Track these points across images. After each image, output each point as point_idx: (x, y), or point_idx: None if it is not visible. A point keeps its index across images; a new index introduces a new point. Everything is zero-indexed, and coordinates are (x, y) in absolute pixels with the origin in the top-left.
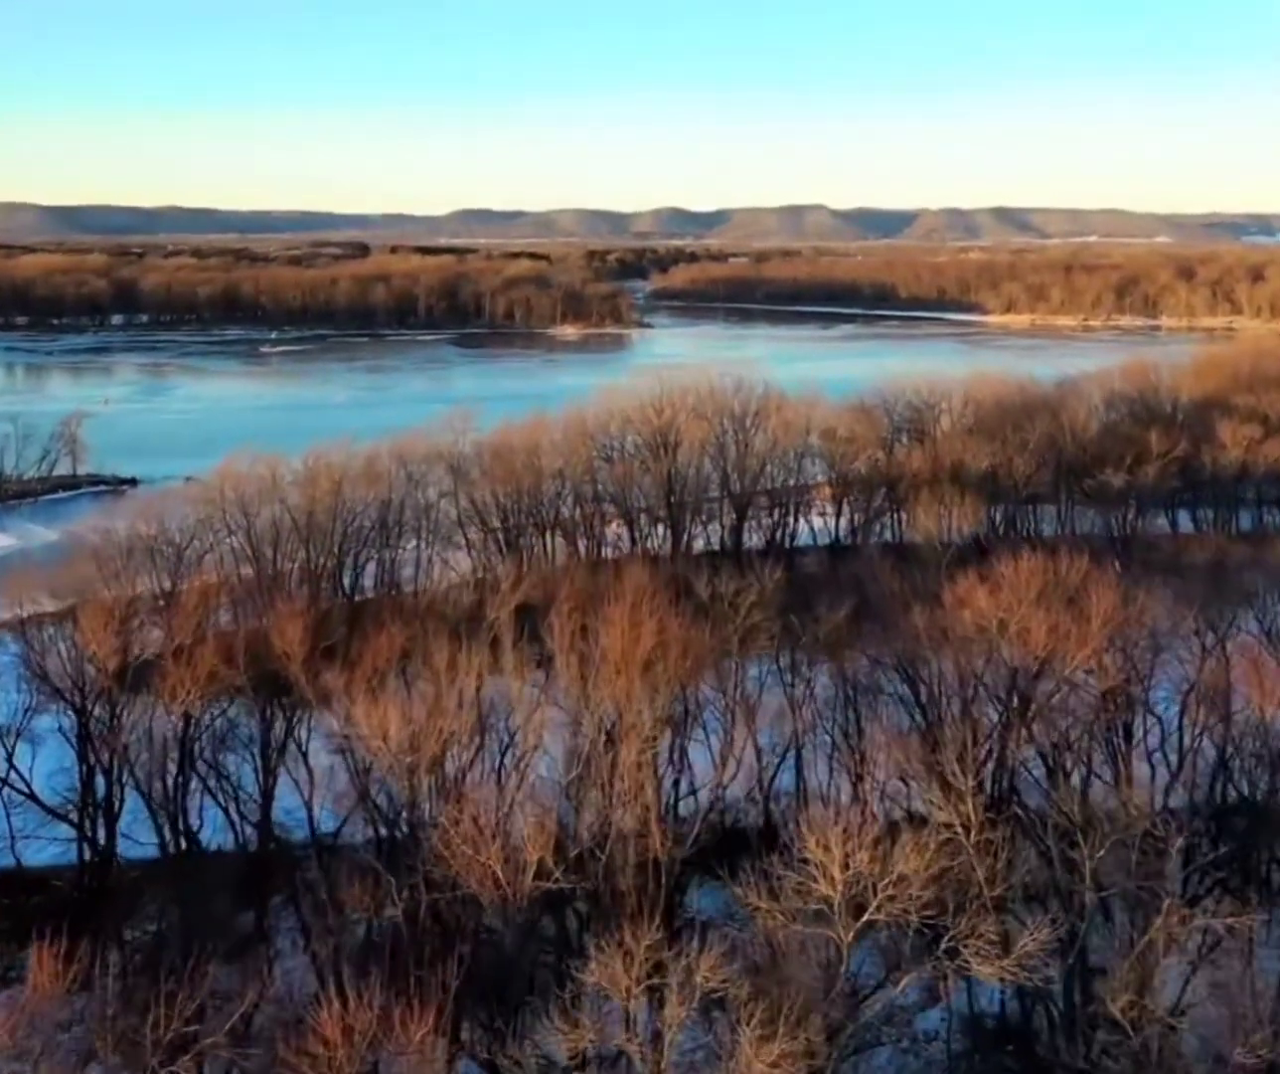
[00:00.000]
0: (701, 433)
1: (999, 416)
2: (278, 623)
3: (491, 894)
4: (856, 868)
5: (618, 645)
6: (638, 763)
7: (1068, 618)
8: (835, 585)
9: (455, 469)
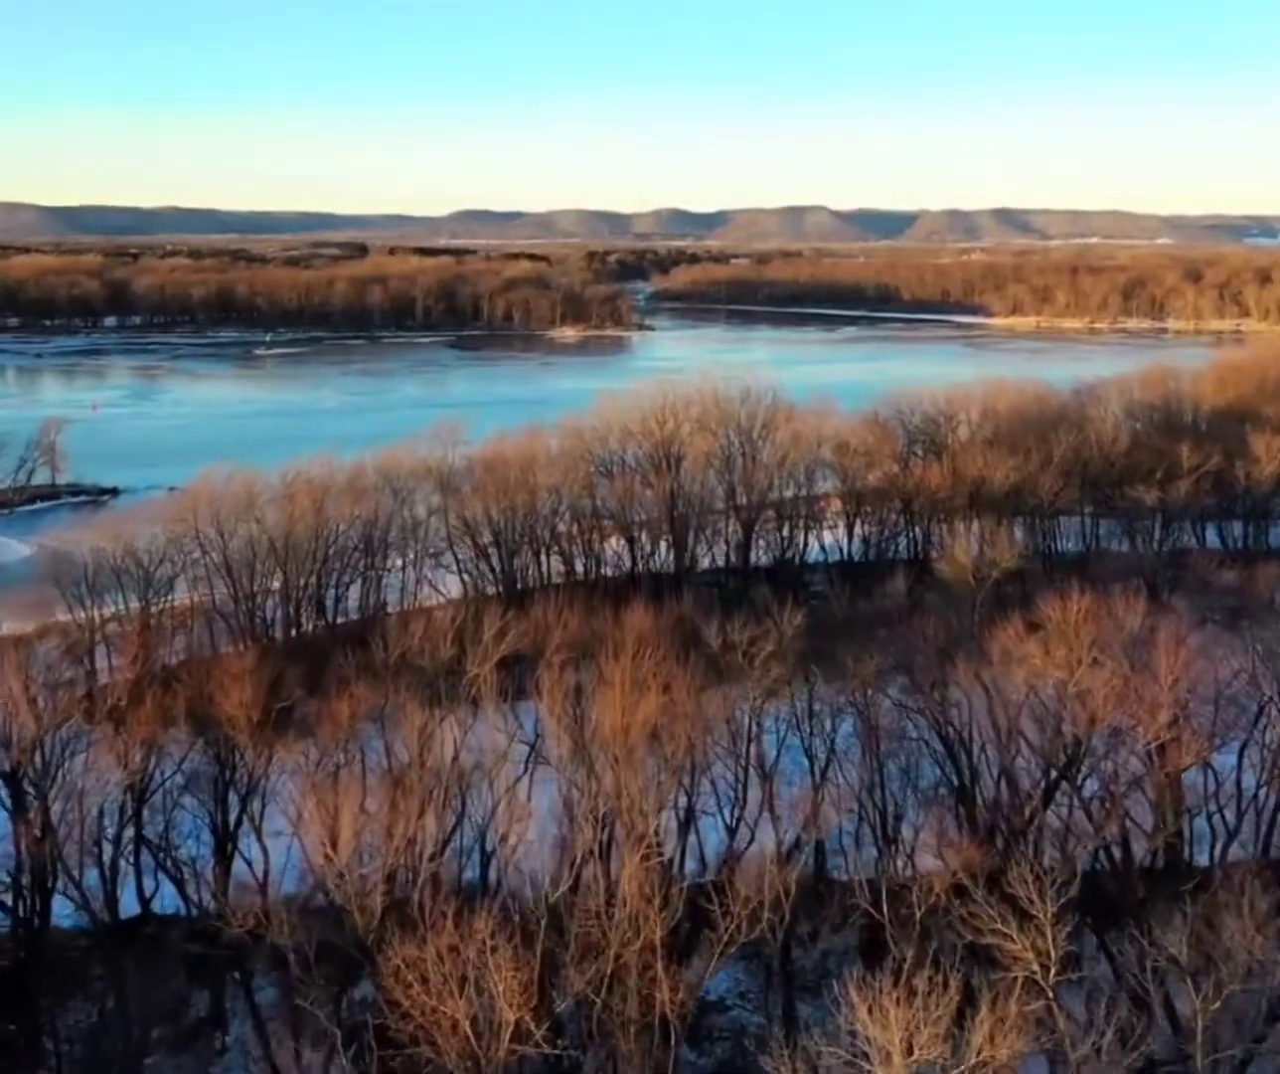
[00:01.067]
0: (706, 446)
1: (1020, 428)
2: (222, 683)
3: (458, 1060)
4: (922, 1054)
5: (616, 718)
6: (641, 890)
7: (1133, 677)
8: (859, 625)
9: (444, 484)
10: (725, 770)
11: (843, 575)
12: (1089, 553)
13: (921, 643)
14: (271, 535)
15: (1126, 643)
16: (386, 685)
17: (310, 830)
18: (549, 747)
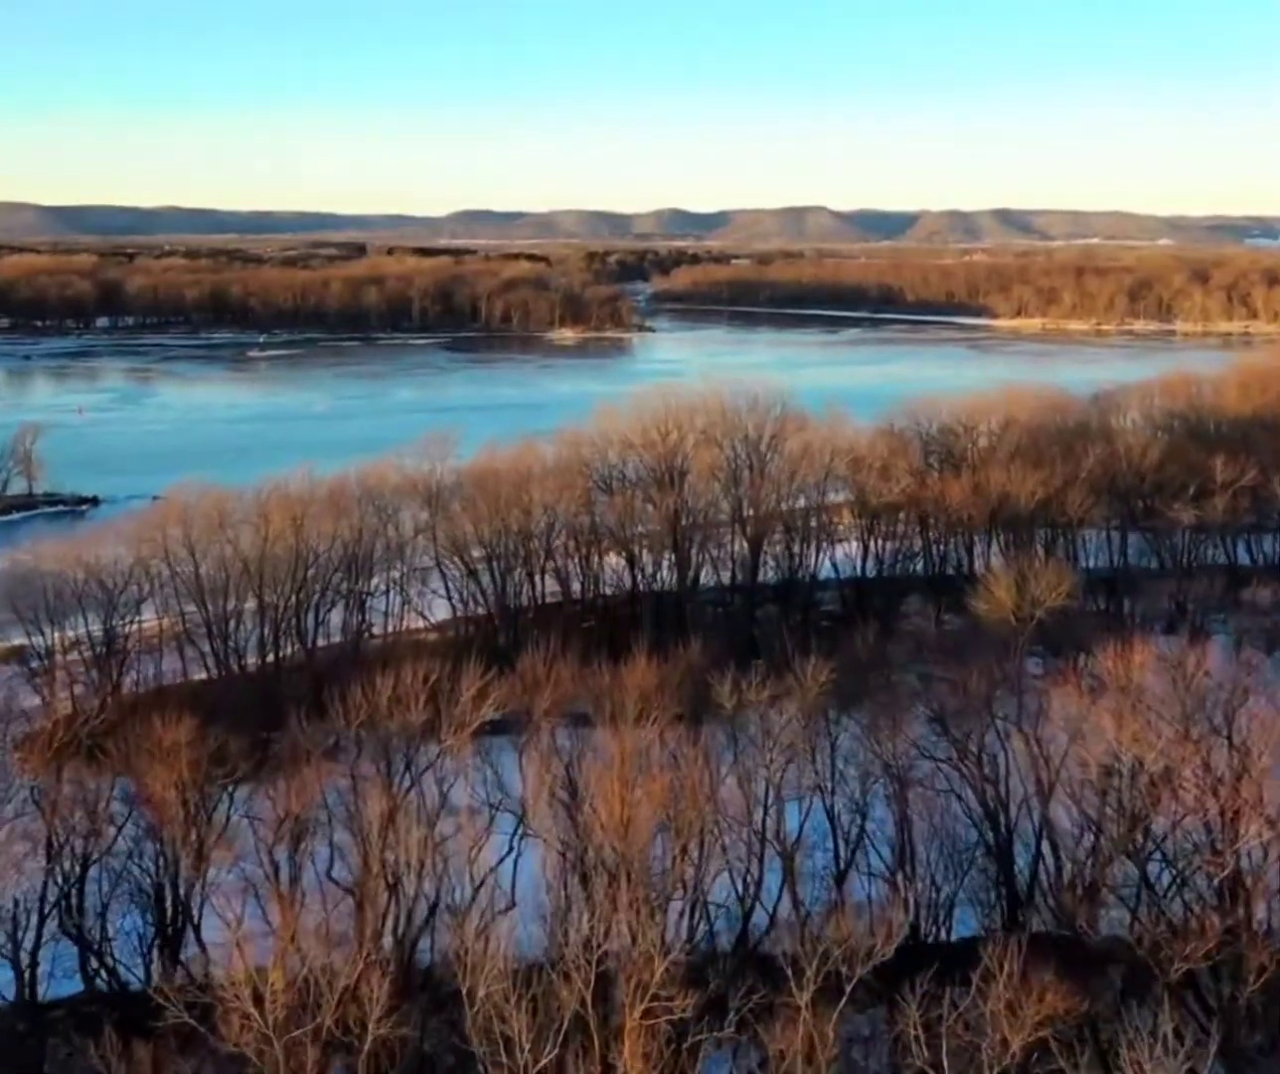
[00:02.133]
0: (711, 458)
1: (1043, 439)
2: (156, 757)
3: None
4: None
5: (614, 811)
6: (644, 1055)
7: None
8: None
9: (432, 501)
10: (738, 843)
11: (857, 596)
12: (1117, 571)
13: (961, 694)
14: (246, 556)
15: (1194, 702)
16: (352, 759)
17: (239, 967)
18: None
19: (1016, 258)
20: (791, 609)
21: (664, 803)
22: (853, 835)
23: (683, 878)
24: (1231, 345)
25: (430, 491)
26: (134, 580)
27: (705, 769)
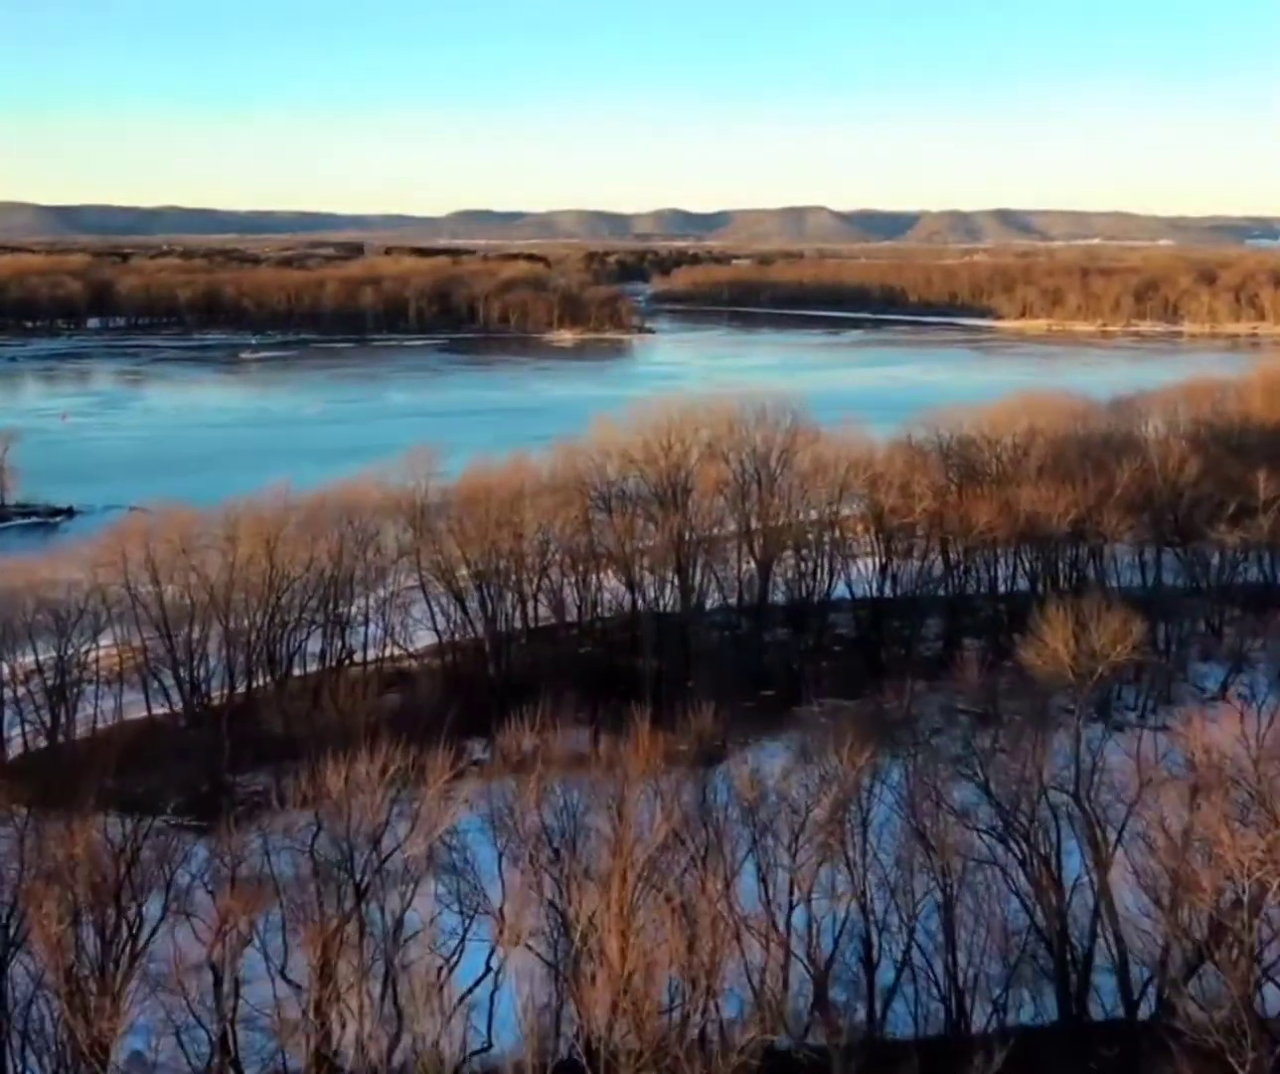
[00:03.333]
0: (718, 474)
1: (1071, 452)
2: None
3: None
4: None
5: (613, 948)
6: None
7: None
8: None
9: (415, 523)
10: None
11: (873, 617)
12: (1150, 592)
13: (1012, 767)
14: (212, 582)
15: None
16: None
17: None
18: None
19: (1019, 258)
20: (804, 633)
21: (675, 952)
22: (891, 928)
23: (696, 1007)
24: (1240, 347)
25: (414, 511)
26: (90, 607)
27: (720, 862)
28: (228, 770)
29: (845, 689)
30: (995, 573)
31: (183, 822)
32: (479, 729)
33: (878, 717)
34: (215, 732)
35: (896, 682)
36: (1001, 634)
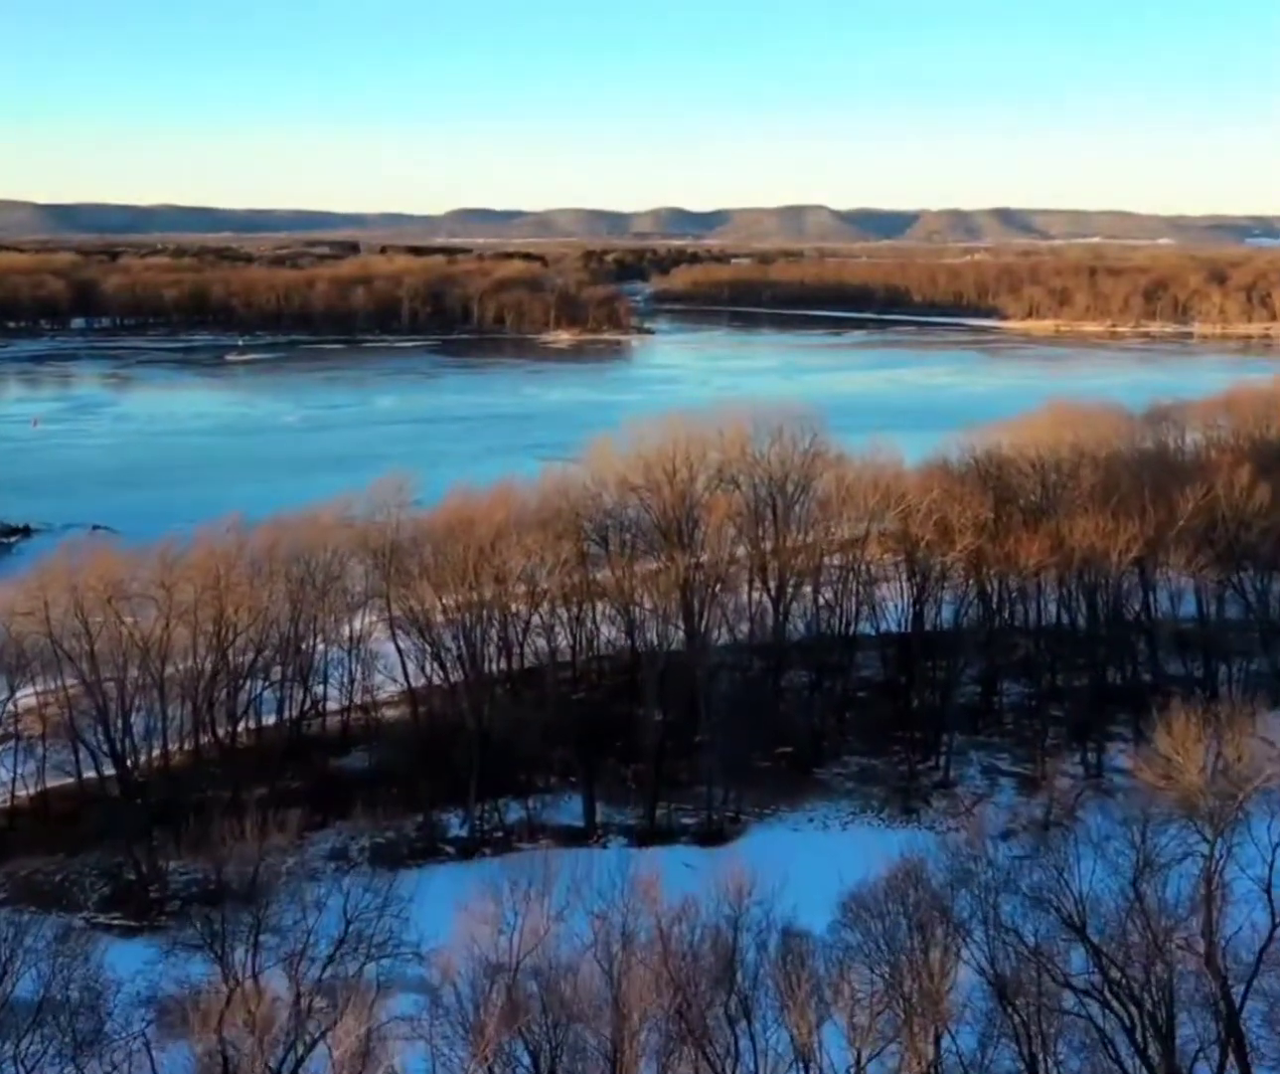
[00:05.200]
0: (729, 505)
1: (1125, 476)
2: None
3: None
4: None
5: None
6: None
7: None
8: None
9: (385, 564)
10: None
11: (901, 657)
12: (1206, 628)
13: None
14: (146, 634)
15: None
16: None
17: None
18: None
19: (1021, 257)
20: (824, 677)
21: None
22: None
23: None
24: (1253, 349)
25: (382, 550)
26: (6, 660)
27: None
28: (161, 851)
29: (872, 743)
30: (1039, 606)
31: (109, 919)
32: (456, 796)
33: (911, 779)
34: (148, 805)
35: (929, 732)
36: (1044, 674)
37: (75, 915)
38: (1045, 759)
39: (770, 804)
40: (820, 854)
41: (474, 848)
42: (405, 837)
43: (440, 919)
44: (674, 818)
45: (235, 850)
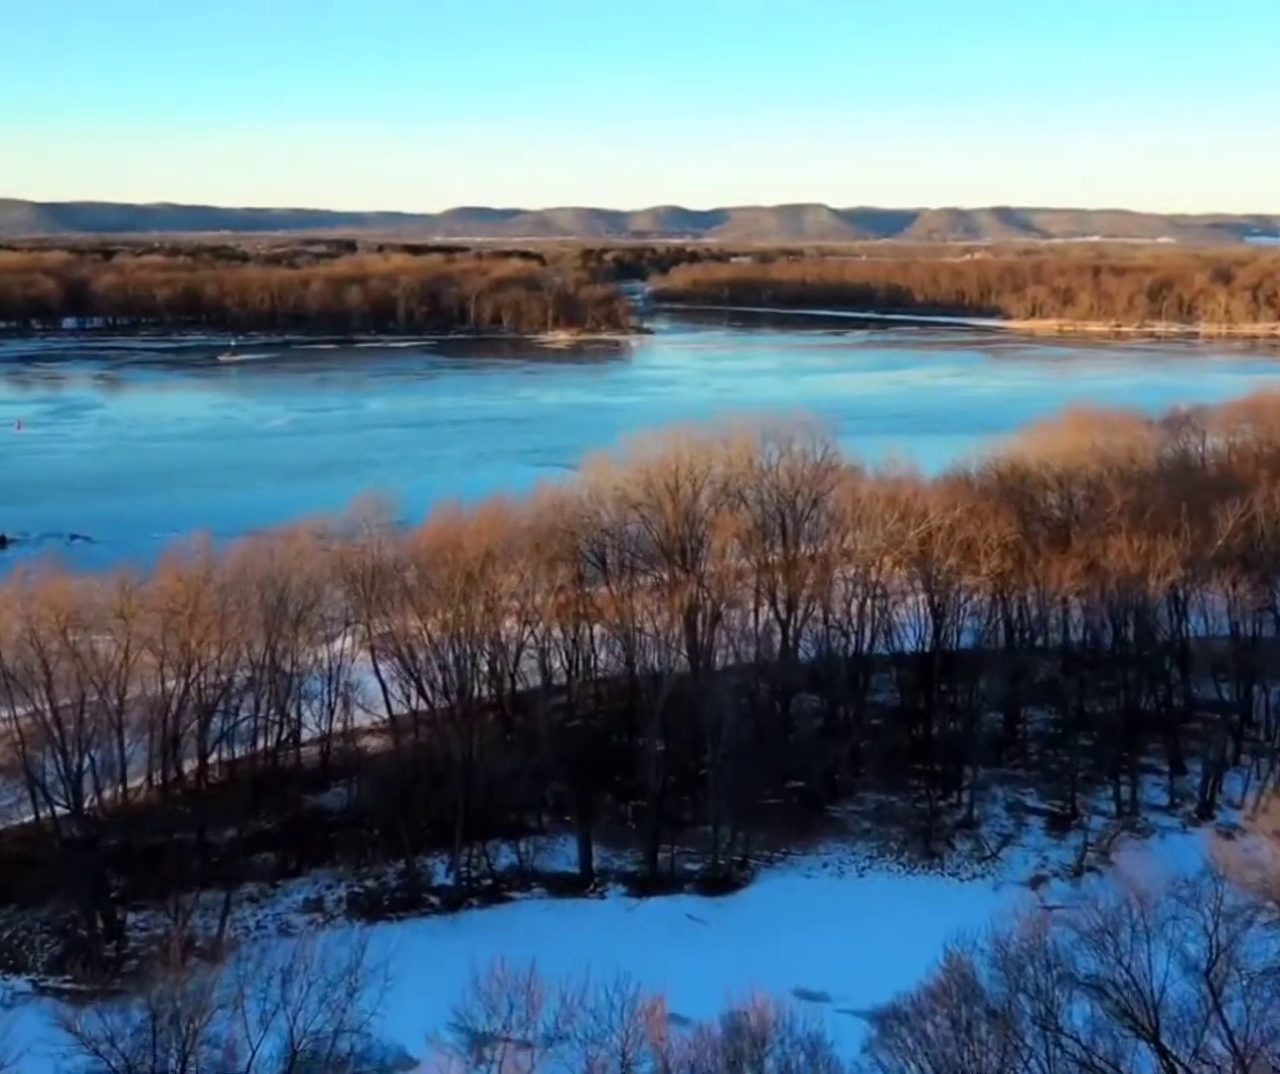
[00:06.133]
0: (736, 524)
1: (1159, 491)
2: None
3: None
4: None
5: None
6: None
7: None
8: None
9: (365, 590)
10: None
11: (918, 680)
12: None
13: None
14: (107, 660)
15: None
16: None
17: None
18: None
19: (1022, 256)
20: (836, 705)
21: None
22: None
23: None
24: (1260, 349)
25: (363, 576)
26: None
27: None
28: (121, 902)
29: (889, 776)
30: (1065, 627)
31: (59, 983)
32: (442, 838)
33: (931, 818)
34: (106, 850)
35: (950, 765)
36: (1070, 700)
37: (21, 977)
38: (1075, 795)
39: (780, 846)
40: (837, 908)
41: (460, 898)
42: (386, 885)
43: (414, 1020)
44: (677, 863)
45: (201, 901)
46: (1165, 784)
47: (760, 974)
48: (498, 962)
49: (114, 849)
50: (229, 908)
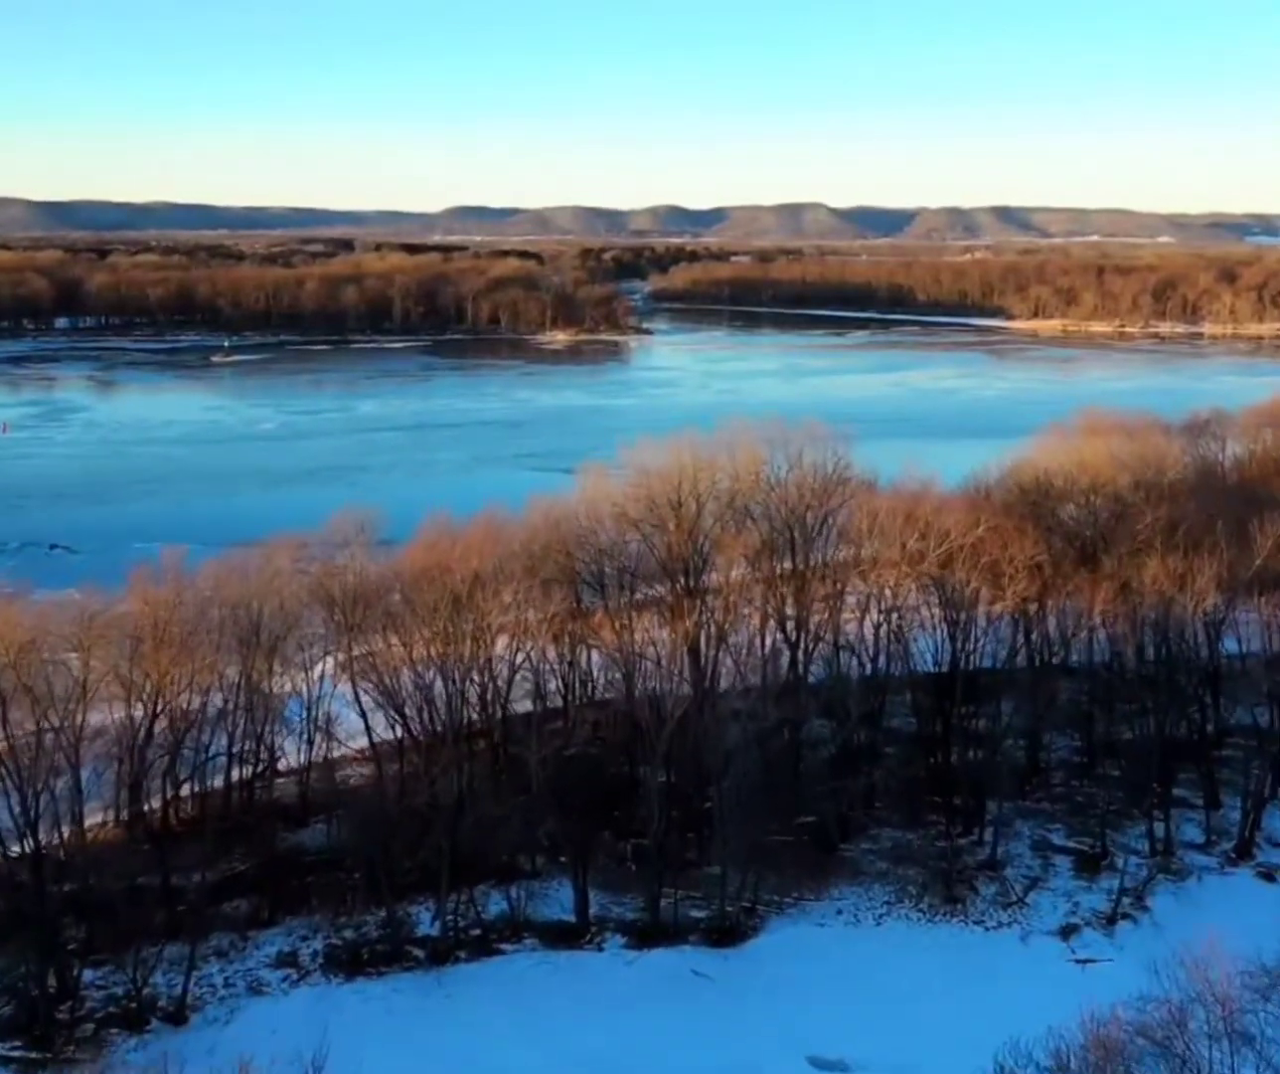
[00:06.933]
0: (744, 544)
1: (1190, 504)
2: None
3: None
4: None
5: None
6: None
7: None
8: None
9: (345, 614)
10: None
11: (935, 704)
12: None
13: None
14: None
15: None
16: None
17: None
18: None
19: (1024, 255)
20: (849, 736)
21: None
22: None
23: None
24: (1265, 350)
25: (343, 601)
26: None
27: None
28: (77, 956)
29: (906, 810)
30: (1091, 648)
31: (7, 1049)
32: (427, 882)
33: (952, 859)
34: (62, 896)
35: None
36: (1095, 725)
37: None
38: (1105, 832)
39: (791, 890)
40: (854, 961)
41: (446, 951)
42: (366, 936)
43: None
44: (680, 910)
45: (165, 956)
46: (1199, 820)
47: (771, 1040)
48: None
49: (70, 896)
50: (194, 964)
